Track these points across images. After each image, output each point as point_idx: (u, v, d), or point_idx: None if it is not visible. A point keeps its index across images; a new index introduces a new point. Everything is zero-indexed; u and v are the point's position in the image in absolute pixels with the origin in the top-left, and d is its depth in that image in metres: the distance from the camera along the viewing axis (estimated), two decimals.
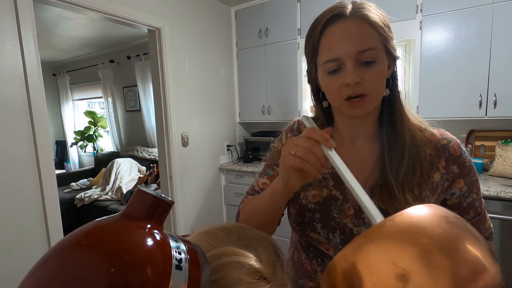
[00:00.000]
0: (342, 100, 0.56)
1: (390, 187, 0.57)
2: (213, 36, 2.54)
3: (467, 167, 0.60)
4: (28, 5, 1.35)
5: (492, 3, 1.70)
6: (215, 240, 0.40)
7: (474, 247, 0.29)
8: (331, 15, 0.54)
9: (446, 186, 0.60)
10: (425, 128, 0.62)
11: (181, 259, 0.32)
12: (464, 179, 0.60)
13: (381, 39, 0.54)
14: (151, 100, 3.81)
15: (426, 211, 0.32)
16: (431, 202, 0.58)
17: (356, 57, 0.52)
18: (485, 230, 0.65)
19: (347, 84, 0.53)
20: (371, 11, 0.54)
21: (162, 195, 0.36)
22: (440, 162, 0.60)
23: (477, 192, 0.63)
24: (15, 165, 1.33)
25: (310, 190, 0.66)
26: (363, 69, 0.53)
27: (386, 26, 0.55)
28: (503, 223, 1.55)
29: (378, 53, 0.53)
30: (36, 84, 1.39)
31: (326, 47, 0.55)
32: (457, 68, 1.83)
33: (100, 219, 0.36)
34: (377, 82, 0.54)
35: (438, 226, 0.30)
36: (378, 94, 0.56)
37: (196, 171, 2.44)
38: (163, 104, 2.13)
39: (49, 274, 0.29)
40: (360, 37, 0.52)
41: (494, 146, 1.92)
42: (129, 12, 1.83)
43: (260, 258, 0.38)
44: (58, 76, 4.96)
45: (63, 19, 2.97)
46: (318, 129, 0.47)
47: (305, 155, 0.45)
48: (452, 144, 0.61)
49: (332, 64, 0.54)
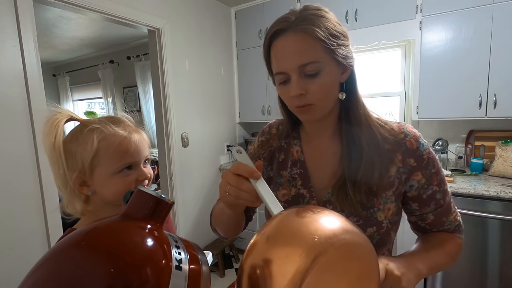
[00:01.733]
0: (294, 108, 0.60)
1: (346, 188, 0.60)
2: (213, 36, 2.54)
3: (425, 160, 0.62)
4: (28, 6, 1.35)
5: (492, 3, 1.70)
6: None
7: (311, 225, 0.37)
8: (275, 30, 0.56)
9: (404, 178, 0.62)
10: (385, 124, 0.64)
11: (181, 259, 0.32)
12: (422, 172, 0.62)
13: (325, 50, 0.54)
14: (151, 100, 3.81)
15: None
16: (388, 196, 0.61)
17: (299, 71, 0.55)
18: (449, 222, 0.66)
19: (291, 96, 0.57)
20: (315, 23, 0.54)
21: (162, 195, 0.36)
22: (397, 156, 0.61)
23: (438, 184, 0.63)
24: (15, 165, 1.33)
25: (280, 190, 0.70)
26: (307, 81, 0.55)
27: (332, 35, 0.54)
28: (503, 223, 1.55)
29: (321, 65, 0.54)
30: (36, 85, 1.39)
31: (274, 60, 0.58)
32: (457, 68, 1.83)
33: (100, 219, 0.36)
34: (321, 92, 0.56)
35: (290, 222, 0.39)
36: (325, 102, 0.59)
37: (196, 171, 2.44)
38: (163, 104, 2.13)
39: (49, 274, 0.29)
40: (300, 51, 0.54)
41: (494, 146, 1.92)
42: (129, 13, 1.83)
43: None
44: (58, 76, 4.96)
45: (63, 20, 2.97)
46: (243, 165, 0.48)
47: (237, 195, 0.48)
48: (409, 138, 0.62)
49: (281, 76, 0.58)
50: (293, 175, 0.69)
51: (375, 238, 0.61)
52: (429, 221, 0.65)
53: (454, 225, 0.67)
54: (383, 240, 0.62)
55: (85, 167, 0.56)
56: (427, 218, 0.65)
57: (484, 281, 1.63)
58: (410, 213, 0.68)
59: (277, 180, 0.71)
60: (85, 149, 0.55)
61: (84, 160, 0.55)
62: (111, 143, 0.56)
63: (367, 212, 0.60)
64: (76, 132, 0.58)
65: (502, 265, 1.57)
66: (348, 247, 0.36)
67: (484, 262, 1.62)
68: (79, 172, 0.56)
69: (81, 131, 0.57)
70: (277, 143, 0.74)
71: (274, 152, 0.73)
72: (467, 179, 1.79)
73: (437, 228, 0.66)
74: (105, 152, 0.56)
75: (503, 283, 1.58)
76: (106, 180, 0.57)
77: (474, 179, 1.79)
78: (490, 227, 1.58)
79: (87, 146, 0.55)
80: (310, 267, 0.33)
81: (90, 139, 0.55)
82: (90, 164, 0.56)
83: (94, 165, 0.56)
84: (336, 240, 0.35)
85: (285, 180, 0.70)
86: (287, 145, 0.72)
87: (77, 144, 0.56)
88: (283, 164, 0.71)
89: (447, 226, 0.66)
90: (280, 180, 0.70)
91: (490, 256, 1.60)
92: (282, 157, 0.72)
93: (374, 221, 0.60)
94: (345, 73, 0.60)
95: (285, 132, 0.73)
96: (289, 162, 0.70)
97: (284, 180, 0.70)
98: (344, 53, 0.56)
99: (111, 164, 0.56)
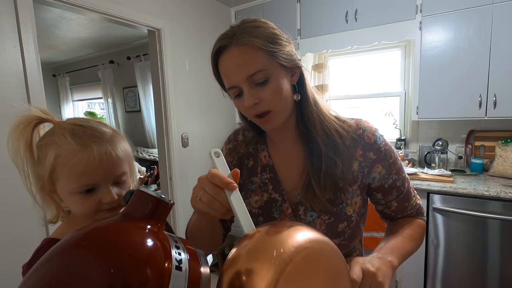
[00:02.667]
0: (253, 118, 0.61)
1: (313, 187, 0.62)
2: (213, 36, 2.51)
3: (382, 152, 0.65)
4: (28, 6, 1.35)
5: (492, 3, 1.70)
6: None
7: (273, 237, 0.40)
8: (217, 47, 0.58)
9: (366, 172, 0.65)
10: (343, 121, 0.67)
11: (181, 259, 0.32)
12: (381, 163, 0.66)
13: (267, 57, 0.56)
14: (151, 100, 3.81)
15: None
16: (354, 190, 0.64)
17: (248, 81, 0.56)
18: (411, 207, 0.71)
19: (247, 107, 0.58)
20: (253, 34, 0.56)
21: (162, 195, 0.36)
22: (357, 151, 0.65)
23: (396, 173, 0.67)
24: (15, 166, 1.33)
25: (252, 197, 0.71)
26: (259, 90, 0.57)
27: (271, 42, 0.56)
28: (503, 223, 1.55)
29: (268, 71, 0.56)
30: (36, 85, 1.39)
31: (223, 76, 0.60)
32: (457, 69, 1.83)
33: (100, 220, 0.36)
34: (274, 97, 0.58)
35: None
36: (282, 106, 0.60)
37: (196, 171, 2.44)
38: (163, 104, 2.13)
39: (49, 275, 0.29)
40: (245, 63, 0.55)
41: (494, 146, 1.92)
42: (129, 13, 1.83)
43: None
44: (58, 77, 4.96)
45: (63, 20, 2.97)
46: (219, 174, 0.45)
47: (210, 203, 0.46)
48: (367, 132, 0.65)
49: (234, 90, 0.59)
50: (263, 180, 0.70)
51: (347, 232, 0.64)
52: (393, 208, 0.70)
53: (416, 208, 0.71)
54: (354, 233, 0.66)
55: (45, 180, 0.51)
56: (391, 206, 0.69)
57: (484, 281, 1.63)
58: (376, 202, 0.72)
59: (248, 186, 0.72)
60: (43, 164, 0.51)
61: (44, 173, 0.51)
62: (67, 162, 0.49)
63: (336, 208, 0.64)
64: (45, 137, 0.53)
65: (502, 265, 1.57)
66: (313, 253, 0.38)
67: (484, 262, 1.62)
68: (44, 183, 0.52)
69: (46, 141, 0.52)
70: (244, 149, 0.74)
71: (243, 158, 0.74)
72: (467, 179, 1.79)
73: (401, 213, 0.71)
74: (61, 169, 0.49)
75: (503, 283, 1.58)
76: (67, 198, 0.52)
77: (474, 179, 1.79)
78: (490, 227, 1.58)
79: (46, 161, 0.50)
80: (279, 278, 0.34)
81: (48, 153, 0.50)
82: (49, 178, 0.51)
83: (54, 180, 0.51)
84: (301, 248, 0.37)
85: (256, 186, 0.70)
86: (255, 150, 0.73)
87: (40, 153, 0.52)
88: (253, 170, 0.72)
89: (410, 211, 0.71)
90: (252, 186, 0.71)
91: (490, 256, 1.60)
92: (251, 163, 0.73)
93: (344, 216, 0.64)
94: (295, 75, 0.62)
95: (251, 138, 0.74)
96: (258, 168, 0.71)
97: (255, 186, 0.71)
98: (286, 56, 0.58)
99: (69, 184, 0.50)
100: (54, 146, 0.50)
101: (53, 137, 0.51)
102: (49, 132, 0.53)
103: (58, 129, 0.51)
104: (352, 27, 2.10)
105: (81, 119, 0.55)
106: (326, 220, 0.63)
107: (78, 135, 0.50)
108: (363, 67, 2.49)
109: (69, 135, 0.50)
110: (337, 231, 0.63)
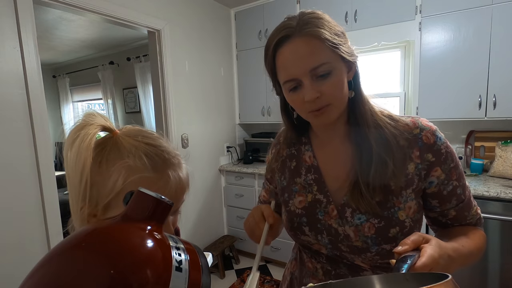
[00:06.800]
0: (307, 113, 0.59)
1: (360, 187, 0.59)
2: (213, 37, 2.54)
3: (443, 154, 0.60)
4: (28, 7, 1.35)
5: (491, 4, 1.70)
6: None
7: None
8: (279, 37, 0.55)
9: (423, 175, 0.60)
10: (397, 120, 0.63)
11: (181, 260, 0.32)
12: (441, 167, 0.60)
13: (332, 49, 0.54)
14: (151, 101, 3.81)
15: None
16: (408, 194, 0.59)
17: (310, 74, 0.54)
18: (471, 216, 0.64)
19: (307, 101, 0.56)
20: (317, 25, 0.54)
21: (162, 196, 0.36)
22: (414, 152, 0.60)
23: (457, 179, 0.61)
24: (15, 166, 1.33)
25: (296, 197, 0.69)
26: (320, 83, 0.55)
27: (335, 34, 0.55)
28: (503, 223, 1.55)
29: (331, 64, 0.54)
30: (36, 86, 1.39)
31: (281, 68, 0.57)
32: (456, 69, 1.83)
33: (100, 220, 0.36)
34: (335, 91, 0.56)
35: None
36: (340, 101, 0.58)
37: (196, 172, 2.44)
38: (163, 105, 2.13)
39: (49, 276, 0.29)
40: (309, 54, 0.53)
41: (494, 147, 1.92)
42: (129, 14, 1.84)
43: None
44: (58, 77, 4.96)
45: (63, 21, 2.97)
46: (269, 209, 0.66)
47: (252, 227, 0.66)
48: (425, 132, 0.60)
49: (291, 83, 0.57)
50: (308, 181, 0.68)
51: (399, 238, 0.57)
52: (451, 216, 0.63)
53: (476, 218, 0.65)
54: None
55: (99, 207, 0.42)
56: (449, 214, 0.63)
57: (484, 281, 1.62)
58: (429, 209, 0.65)
59: (292, 187, 0.71)
60: (105, 185, 0.42)
61: (100, 197, 0.42)
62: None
63: (388, 212, 0.59)
64: (103, 151, 0.43)
65: (502, 265, 1.57)
66: None
67: (484, 262, 1.61)
68: (92, 208, 0.43)
69: (108, 157, 0.42)
70: (287, 152, 0.74)
71: (285, 161, 0.74)
72: (467, 180, 1.79)
73: (459, 222, 0.64)
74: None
75: (503, 283, 1.58)
76: None
77: (474, 180, 1.79)
78: (490, 227, 1.58)
79: (109, 182, 0.41)
80: None
81: (116, 174, 0.41)
82: (107, 204, 0.42)
83: (111, 206, 0.43)
84: None
85: (300, 187, 0.69)
86: (298, 151, 0.72)
87: (99, 172, 0.42)
88: (296, 171, 0.71)
89: (469, 220, 0.64)
90: (295, 187, 0.70)
91: (490, 257, 1.60)
92: (294, 164, 0.72)
93: (396, 221, 0.59)
94: (351, 71, 0.60)
95: (293, 139, 0.73)
96: (302, 169, 0.70)
97: (299, 187, 0.69)
98: (348, 50, 0.57)
99: None
100: (125, 169, 0.42)
101: (122, 155, 0.42)
102: (113, 147, 0.43)
103: (131, 148, 0.43)
104: (352, 28, 2.10)
105: (145, 132, 0.47)
106: (375, 224, 0.59)
107: (152, 158, 0.43)
108: (363, 67, 2.49)
109: (145, 157, 0.42)
110: (388, 236, 0.59)
